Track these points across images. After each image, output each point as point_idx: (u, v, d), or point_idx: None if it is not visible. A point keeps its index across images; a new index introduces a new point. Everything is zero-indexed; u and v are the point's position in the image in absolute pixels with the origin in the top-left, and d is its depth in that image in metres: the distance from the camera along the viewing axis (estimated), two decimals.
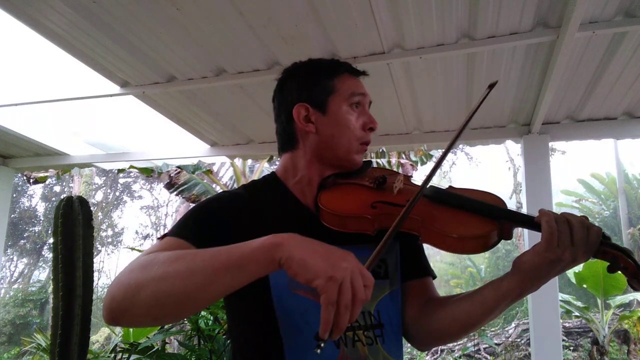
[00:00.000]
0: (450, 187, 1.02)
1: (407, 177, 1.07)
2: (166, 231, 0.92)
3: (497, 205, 0.92)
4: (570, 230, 0.83)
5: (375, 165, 1.14)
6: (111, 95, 2.70)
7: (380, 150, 4.73)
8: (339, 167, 1.05)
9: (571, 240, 0.82)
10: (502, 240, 0.92)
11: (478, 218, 0.90)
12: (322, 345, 0.67)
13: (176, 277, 0.71)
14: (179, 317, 0.78)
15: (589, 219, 0.86)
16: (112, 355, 3.04)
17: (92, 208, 2.92)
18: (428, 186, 0.95)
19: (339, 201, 0.97)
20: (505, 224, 0.90)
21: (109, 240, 20.01)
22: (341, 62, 1.09)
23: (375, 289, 0.97)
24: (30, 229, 19.12)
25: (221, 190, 1.43)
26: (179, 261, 0.73)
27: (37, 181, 4.98)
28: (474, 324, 0.96)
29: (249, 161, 6.69)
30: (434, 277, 1.11)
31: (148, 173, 5.34)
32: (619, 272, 0.85)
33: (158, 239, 0.90)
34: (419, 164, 6.44)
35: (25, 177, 5.05)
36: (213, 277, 0.71)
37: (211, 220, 0.94)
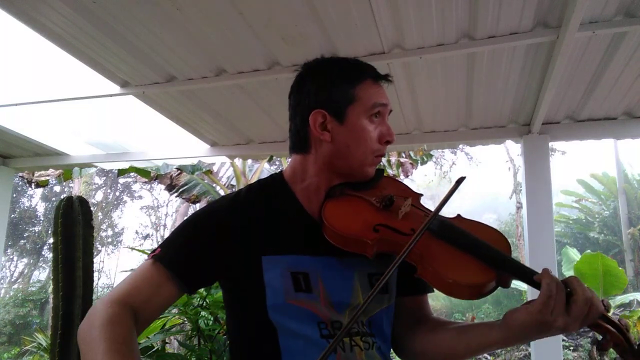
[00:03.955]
0: (459, 216, 1.00)
1: (417, 198, 1.04)
2: (157, 246, 0.96)
3: (501, 252, 0.90)
4: (569, 302, 0.81)
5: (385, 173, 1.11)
6: (111, 95, 2.69)
7: None
8: (350, 177, 1.02)
9: (567, 310, 0.81)
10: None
11: (478, 264, 0.88)
12: None
13: None
14: None
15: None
16: None
17: (92, 208, 2.92)
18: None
19: (343, 218, 0.95)
20: (504, 275, 0.88)
21: (109, 240, 20.00)
22: (365, 66, 1.03)
23: (373, 302, 0.96)
24: (30, 229, 19.11)
25: (220, 196, 1.44)
26: None
27: (38, 185, 4.97)
28: (456, 358, 0.98)
29: (249, 161, 6.69)
30: (431, 291, 1.09)
31: (148, 176, 5.33)
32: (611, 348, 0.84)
33: (148, 256, 0.94)
34: (419, 163, 6.45)
35: (26, 181, 5.02)
36: None
37: (194, 244, 0.95)
